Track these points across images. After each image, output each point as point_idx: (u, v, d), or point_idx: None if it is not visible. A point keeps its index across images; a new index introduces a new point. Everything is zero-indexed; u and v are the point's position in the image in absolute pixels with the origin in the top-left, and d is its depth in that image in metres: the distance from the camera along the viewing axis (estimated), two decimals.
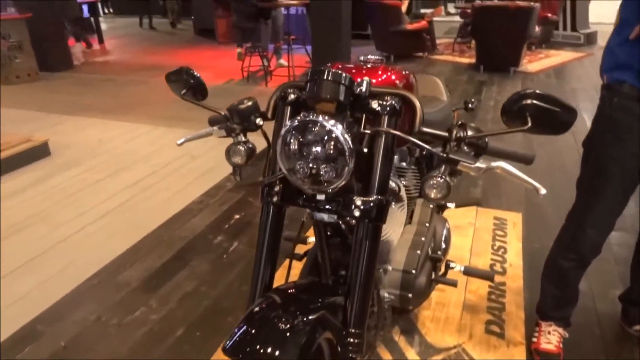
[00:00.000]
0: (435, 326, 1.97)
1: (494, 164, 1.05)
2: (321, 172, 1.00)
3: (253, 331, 0.93)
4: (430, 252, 1.68)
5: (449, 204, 2.12)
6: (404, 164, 1.58)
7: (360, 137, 1.06)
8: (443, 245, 1.76)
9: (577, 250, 1.74)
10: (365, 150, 1.06)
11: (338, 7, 5.64)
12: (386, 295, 1.55)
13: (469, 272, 1.82)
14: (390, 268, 1.55)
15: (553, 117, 1.00)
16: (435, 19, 8.36)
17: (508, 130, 1.03)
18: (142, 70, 7.38)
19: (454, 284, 1.68)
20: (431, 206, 1.76)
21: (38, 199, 3.31)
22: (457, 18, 9.69)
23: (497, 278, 2.26)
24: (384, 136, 1.05)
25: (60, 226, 2.93)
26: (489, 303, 2.10)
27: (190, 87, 1.24)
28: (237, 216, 3.04)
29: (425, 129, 1.08)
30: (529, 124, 0.98)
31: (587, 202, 1.68)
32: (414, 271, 1.54)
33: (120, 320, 2.13)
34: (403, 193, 1.46)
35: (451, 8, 14.19)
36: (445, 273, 1.85)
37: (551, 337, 1.86)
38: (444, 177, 1.05)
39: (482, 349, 1.85)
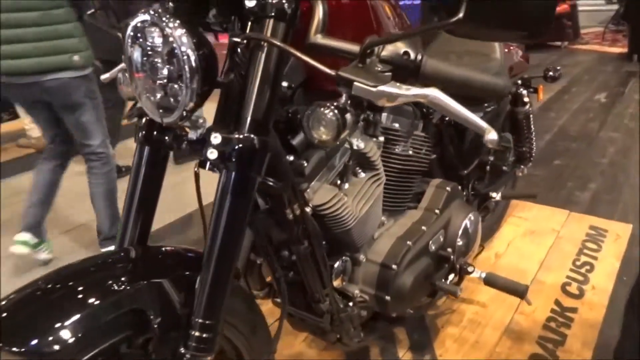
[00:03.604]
0: (458, 348, 1.52)
1: (417, 91, 0.67)
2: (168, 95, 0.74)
3: (20, 303, 0.69)
4: (433, 247, 1.26)
5: (492, 194, 1.63)
6: (396, 125, 1.20)
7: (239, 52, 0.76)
8: (459, 242, 1.32)
9: None
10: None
11: None
12: (356, 292, 1.19)
13: (491, 281, 1.34)
14: (362, 258, 1.19)
15: (510, 7, 0.59)
16: (587, 7, 7.21)
17: (433, 25, 0.65)
18: None
19: (454, 292, 1.24)
20: (448, 189, 1.33)
21: None
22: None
23: (568, 302, 1.69)
24: (265, 49, 0.73)
25: None
26: (544, 332, 1.57)
27: None
28: None
29: (323, 41, 0.73)
30: (461, 14, 0.58)
31: None
32: (394, 266, 1.16)
33: None
34: (376, 158, 1.09)
35: None
36: (460, 279, 1.40)
37: None
38: (333, 108, 0.70)
39: None
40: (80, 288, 0.71)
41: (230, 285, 0.77)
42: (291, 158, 0.95)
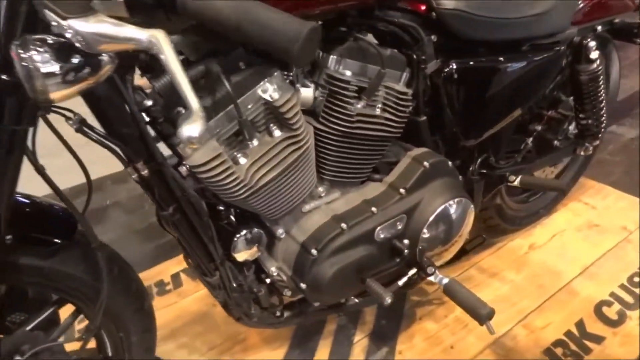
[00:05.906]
0: (425, 348, 1.27)
1: (132, 32, 0.45)
2: None
3: None
4: (382, 235, 0.99)
5: (511, 177, 1.24)
6: (347, 72, 0.90)
7: None
8: (425, 234, 1.03)
9: None
10: None
11: None
12: (273, 269, 1.00)
13: (451, 292, 1.03)
14: (281, 233, 0.97)
15: None
16: None
17: None
18: None
19: (380, 298, 0.97)
20: (426, 164, 1.02)
21: None
22: None
23: (596, 327, 1.31)
24: None
25: None
26: (543, 358, 1.24)
27: None
28: None
29: None
30: None
31: None
32: (314, 252, 0.93)
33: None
34: (293, 114, 0.82)
35: None
36: (415, 280, 1.11)
37: None
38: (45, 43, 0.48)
39: None
40: None
41: None
42: (149, 103, 0.74)
